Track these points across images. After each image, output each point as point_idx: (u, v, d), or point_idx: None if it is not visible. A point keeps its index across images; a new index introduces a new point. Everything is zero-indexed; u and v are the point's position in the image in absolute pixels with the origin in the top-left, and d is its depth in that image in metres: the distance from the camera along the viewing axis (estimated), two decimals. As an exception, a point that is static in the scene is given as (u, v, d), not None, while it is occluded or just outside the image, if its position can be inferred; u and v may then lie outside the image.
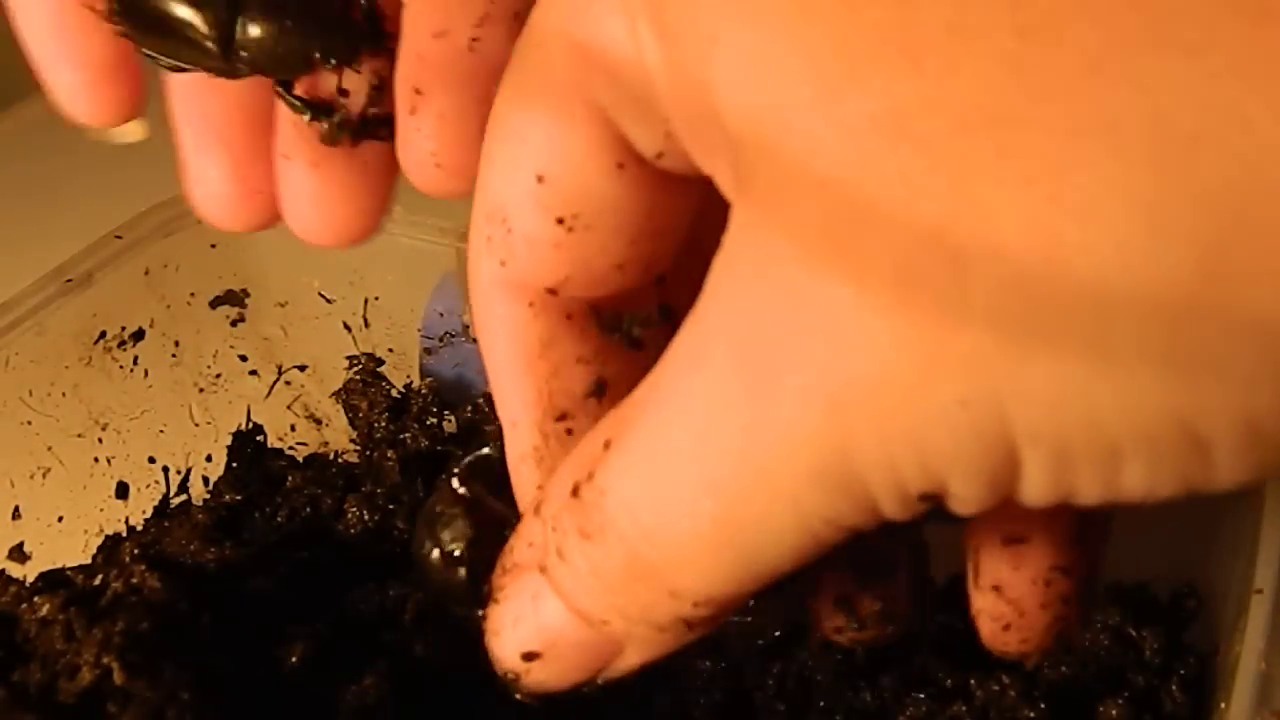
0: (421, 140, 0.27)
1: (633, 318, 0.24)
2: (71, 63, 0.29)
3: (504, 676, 0.24)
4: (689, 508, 0.20)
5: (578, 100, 0.21)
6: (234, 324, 0.47)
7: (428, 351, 0.46)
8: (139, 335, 0.44)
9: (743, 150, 0.18)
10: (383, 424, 0.45)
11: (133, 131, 0.31)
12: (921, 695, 0.36)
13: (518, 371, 0.24)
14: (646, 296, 0.24)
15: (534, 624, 0.23)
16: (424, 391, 0.46)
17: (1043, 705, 0.34)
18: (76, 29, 0.28)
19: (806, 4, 0.17)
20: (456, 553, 0.27)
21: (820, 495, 0.19)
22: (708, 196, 0.21)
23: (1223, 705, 0.32)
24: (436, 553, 0.27)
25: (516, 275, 0.23)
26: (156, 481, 0.45)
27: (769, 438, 0.18)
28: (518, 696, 0.24)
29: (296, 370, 0.48)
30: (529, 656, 0.23)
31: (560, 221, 0.22)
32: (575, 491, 0.21)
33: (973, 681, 0.35)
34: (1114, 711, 0.34)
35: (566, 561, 0.22)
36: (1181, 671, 0.35)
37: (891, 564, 0.27)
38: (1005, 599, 0.26)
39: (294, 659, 0.32)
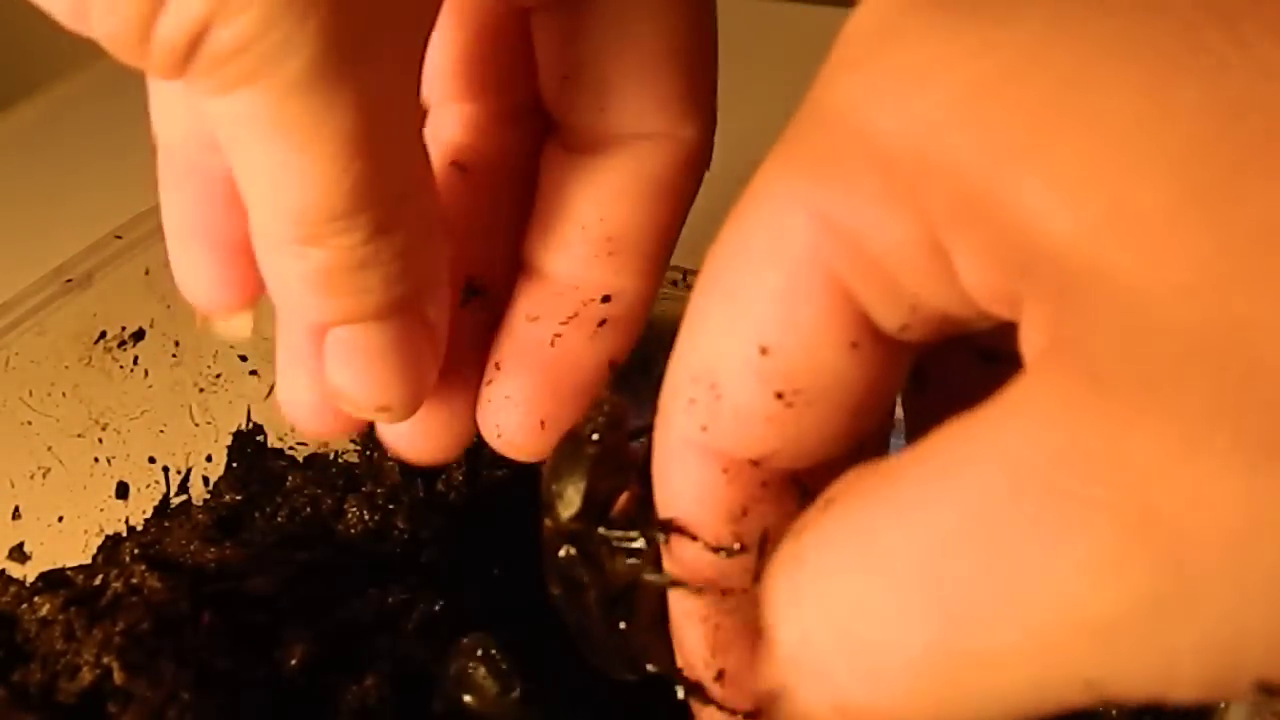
0: (491, 411, 0.30)
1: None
2: (204, 241, 0.29)
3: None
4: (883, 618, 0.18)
5: (817, 270, 0.19)
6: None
7: (428, 351, 0.46)
8: (139, 335, 0.44)
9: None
10: (383, 424, 0.45)
11: (240, 328, 0.31)
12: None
13: (703, 533, 0.23)
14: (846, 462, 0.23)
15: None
16: (424, 391, 0.46)
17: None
18: (217, 210, 0.29)
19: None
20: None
21: (1105, 658, 0.16)
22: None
23: (1222, 705, 0.32)
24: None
25: (718, 443, 0.22)
26: (156, 481, 0.45)
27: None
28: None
29: (296, 370, 0.48)
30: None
31: (779, 396, 0.20)
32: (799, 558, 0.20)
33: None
34: (1114, 712, 0.34)
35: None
36: (1181, 671, 0.35)
37: None
38: None
39: (294, 659, 0.32)
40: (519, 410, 0.29)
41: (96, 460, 0.44)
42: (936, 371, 0.25)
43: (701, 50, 0.29)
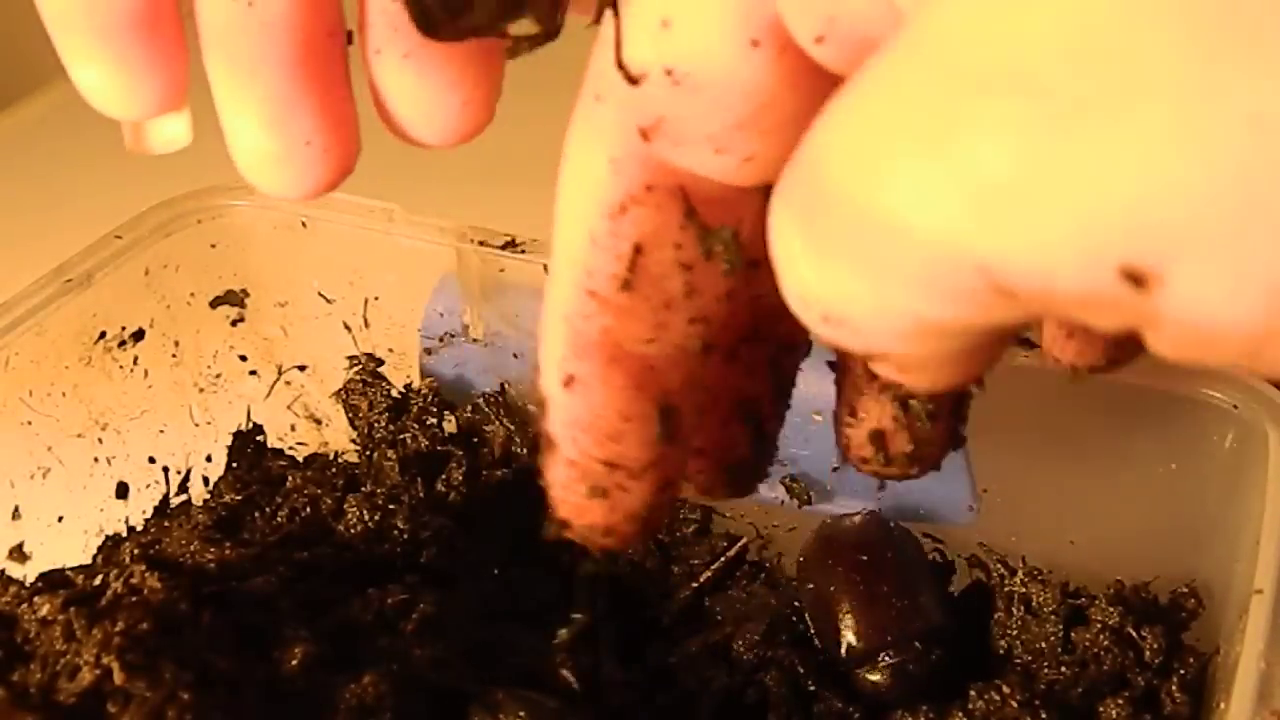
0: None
1: (718, 234, 0.23)
2: (102, 34, 0.25)
3: None
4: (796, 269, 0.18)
5: None
6: (234, 324, 0.47)
7: (428, 351, 0.46)
8: (139, 335, 0.44)
9: None
10: (383, 424, 0.45)
11: (177, 134, 0.27)
12: (923, 704, 0.36)
13: (580, 218, 0.22)
14: (741, 211, 0.23)
15: None
16: (424, 391, 0.46)
17: (1043, 714, 0.34)
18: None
19: None
20: None
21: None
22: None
23: (1222, 705, 0.32)
24: None
25: (611, 116, 0.21)
26: (156, 481, 0.45)
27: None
28: None
29: (296, 370, 0.48)
30: None
31: (669, 74, 0.20)
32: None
33: (972, 692, 0.35)
34: (1114, 712, 0.34)
35: None
36: (1181, 671, 0.35)
37: (935, 410, 0.26)
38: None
39: (293, 659, 0.32)
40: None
41: (96, 460, 0.44)
42: None
43: None
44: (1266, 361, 0.16)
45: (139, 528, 0.44)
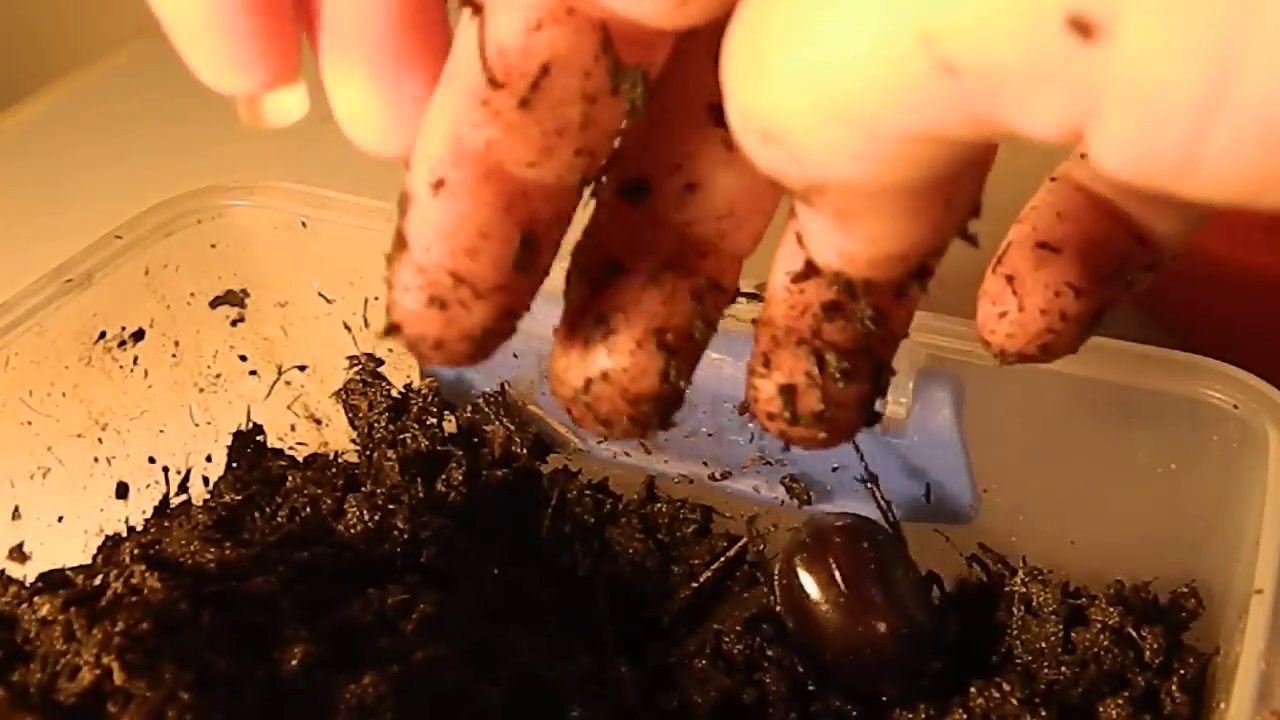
0: None
1: (630, 72, 0.22)
2: (215, 9, 0.24)
3: None
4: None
5: None
6: (234, 324, 0.47)
7: (428, 351, 0.46)
8: (139, 335, 0.44)
9: None
10: (383, 424, 0.45)
11: (294, 105, 0.27)
12: (921, 703, 0.36)
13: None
14: (655, 55, 0.22)
15: None
16: (424, 392, 0.46)
17: (1043, 713, 0.34)
18: None
19: None
20: None
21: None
22: None
23: (1222, 705, 0.32)
24: None
25: None
26: (156, 481, 0.45)
27: None
28: None
29: (296, 370, 0.48)
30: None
31: None
32: None
33: (973, 690, 0.35)
34: (1114, 712, 0.34)
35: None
36: (1181, 671, 0.35)
37: (851, 369, 0.26)
38: (1013, 289, 0.27)
39: (293, 659, 0.32)
40: None
41: (96, 460, 0.44)
42: None
43: None
44: (1201, 179, 0.15)
45: (139, 528, 0.44)
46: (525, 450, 0.45)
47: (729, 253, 0.26)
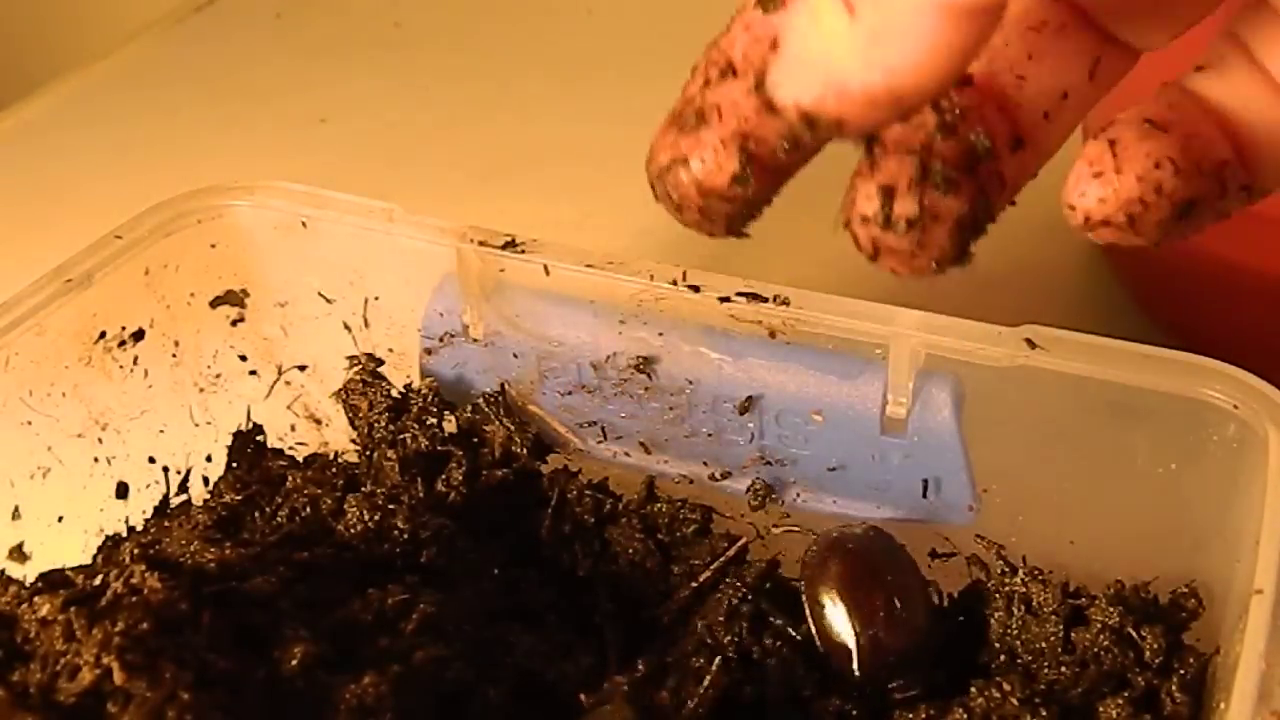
0: None
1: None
2: None
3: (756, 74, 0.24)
4: None
5: None
6: (234, 324, 0.47)
7: (428, 351, 0.46)
8: (139, 335, 0.44)
9: None
10: (383, 424, 0.45)
11: None
12: (921, 703, 0.36)
13: None
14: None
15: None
16: (424, 391, 0.46)
17: (1043, 713, 0.34)
18: None
19: None
20: None
21: None
22: None
23: (1222, 705, 0.32)
24: None
25: None
26: (156, 481, 0.45)
27: None
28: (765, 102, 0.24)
29: (296, 370, 0.48)
30: (773, 44, 0.24)
31: None
32: None
33: (973, 689, 0.35)
34: (1114, 712, 0.34)
35: None
36: (1181, 671, 0.35)
37: (954, 181, 0.26)
38: (1112, 152, 0.27)
39: (294, 659, 0.32)
40: None
41: (96, 460, 0.44)
42: None
43: None
44: None
45: (139, 528, 0.44)
46: (525, 450, 0.45)
47: None
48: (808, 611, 0.38)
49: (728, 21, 0.27)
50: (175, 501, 0.45)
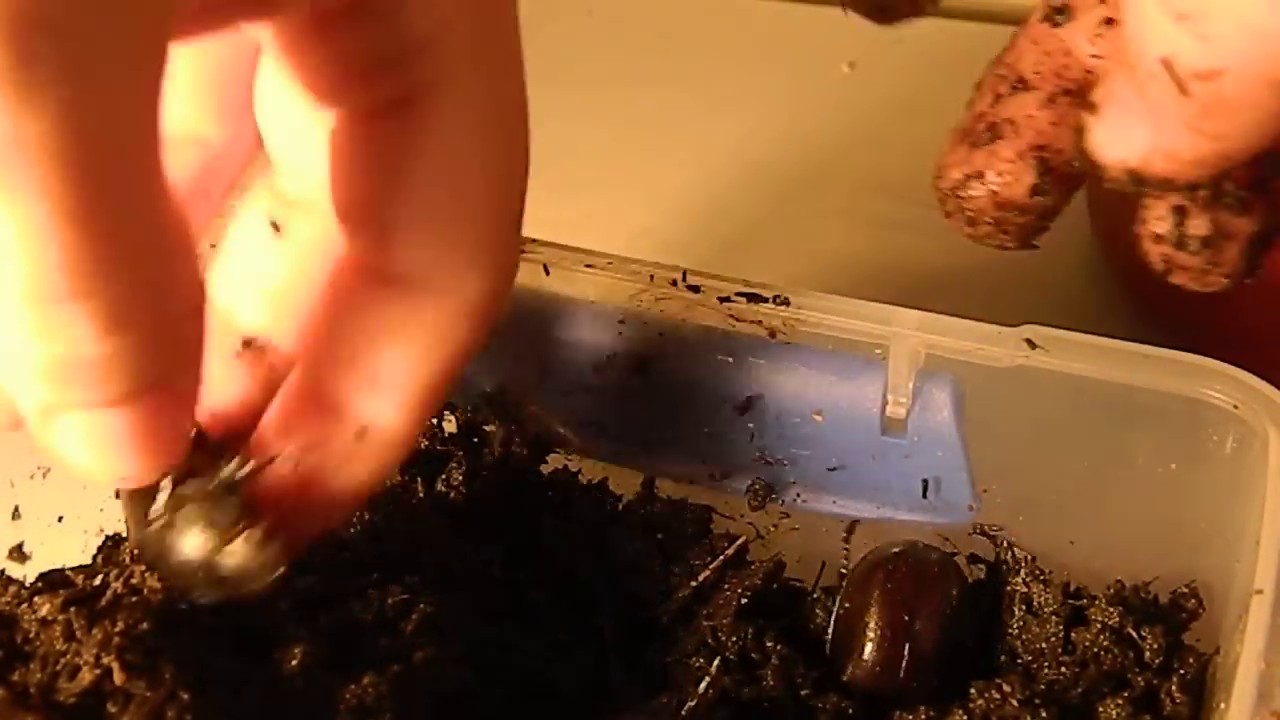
0: None
1: None
2: None
3: (1075, 136, 0.25)
4: None
5: None
6: (234, 324, 0.47)
7: (428, 351, 0.46)
8: (139, 335, 0.44)
9: None
10: (383, 424, 0.45)
11: None
12: (921, 703, 0.36)
13: None
14: None
15: (1107, 77, 0.24)
16: (424, 391, 0.46)
17: (1043, 714, 0.34)
18: None
19: None
20: None
21: None
22: None
23: (1222, 705, 0.32)
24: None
25: None
26: (156, 481, 0.45)
27: None
28: (1085, 156, 0.25)
29: (296, 370, 0.48)
30: (1092, 108, 0.24)
31: None
32: None
33: (973, 690, 0.35)
34: (1114, 712, 0.34)
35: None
36: (1181, 671, 0.35)
37: (1247, 201, 0.26)
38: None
39: (294, 659, 0.32)
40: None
41: (96, 460, 0.44)
42: None
43: (504, 196, 0.26)
44: None
45: (139, 528, 0.44)
46: (525, 450, 0.45)
47: None
48: (835, 617, 0.38)
49: (1011, 38, 0.28)
50: (175, 501, 0.45)
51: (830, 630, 0.38)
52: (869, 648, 0.37)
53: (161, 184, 0.21)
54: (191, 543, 0.29)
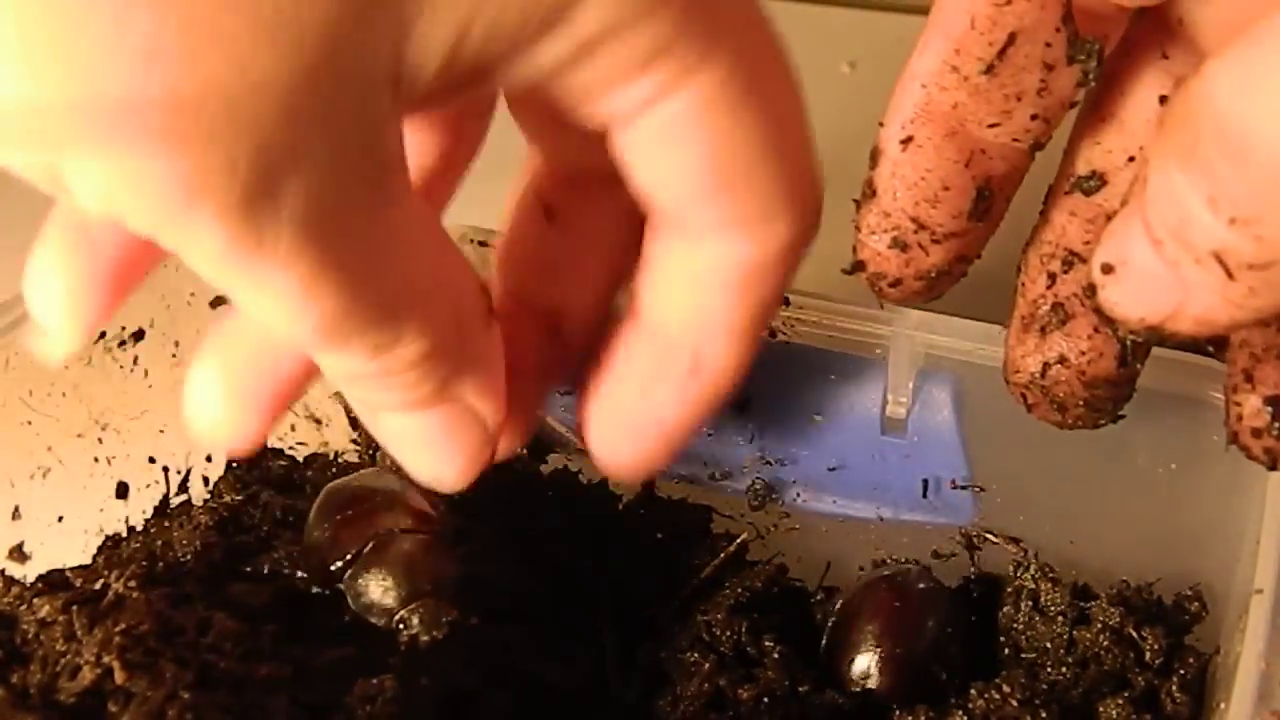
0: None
1: (1087, 44, 0.25)
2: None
3: (1085, 290, 0.25)
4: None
5: None
6: (234, 324, 0.47)
7: (428, 351, 0.46)
8: (139, 335, 0.44)
9: None
10: (383, 424, 0.45)
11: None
12: (920, 704, 0.36)
13: (965, 2, 0.25)
14: (1110, 30, 0.25)
15: (1118, 242, 0.24)
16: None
17: (1043, 714, 0.34)
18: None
19: None
20: None
21: None
22: None
23: (1222, 705, 0.32)
24: None
25: None
26: (156, 481, 0.45)
27: None
28: (1096, 310, 0.25)
29: (296, 370, 0.48)
30: (1106, 269, 0.24)
31: None
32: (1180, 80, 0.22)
33: (973, 691, 0.35)
34: (1114, 712, 0.34)
35: (1163, 179, 0.22)
36: (1181, 671, 0.35)
37: None
38: None
39: (294, 660, 0.32)
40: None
41: (96, 460, 0.44)
42: None
43: (784, 152, 0.27)
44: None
45: (139, 528, 0.44)
46: (525, 450, 0.45)
47: None
48: (830, 634, 0.38)
49: (1040, 216, 0.28)
50: (175, 501, 0.45)
51: (824, 643, 0.38)
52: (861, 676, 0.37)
53: (420, 224, 0.25)
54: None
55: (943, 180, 0.27)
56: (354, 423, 0.47)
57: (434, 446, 0.28)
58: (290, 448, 0.48)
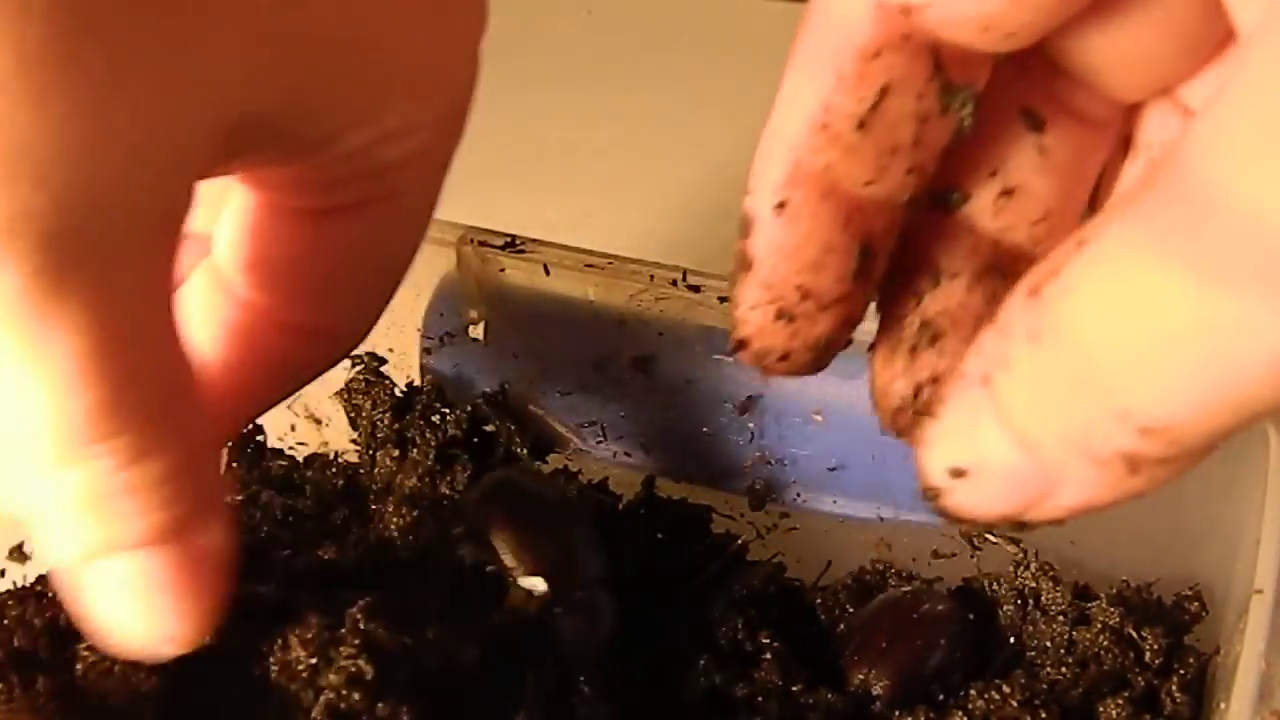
0: None
1: (960, 93, 0.24)
2: None
3: (925, 491, 0.23)
4: (1167, 308, 0.18)
5: None
6: (234, 324, 0.47)
7: (428, 351, 0.46)
8: (139, 335, 0.44)
9: None
10: (385, 423, 0.45)
11: None
12: (920, 705, 0.36)
13: (828, 58, 0.23)
14: (981, 74, 0.24)
15: (967, 439, 0.22)
16: (426, 390, 0.46)
17: (1043, 714, 0.34)
18: None
19: None
20: None
21: None
22: None
23: (1222, 705, 0.32)
24: None
25: None
26: (157, 481, 0.45)
27: None
28: (937, 513, 0.23)
29: (296, 370, 0.48)
30: (956, 474, 0.22)
31: None
32: (1035, 290, 0.20)
33: (972, 691, 0.35)
34: (1114, 712, 0.34)
35: (1010, 370, 0.20)
36: (1181, 671, 0.35)
37: None
38: None
39: (294, 660, 0.32)
40: None
41: (97, 460, 0.44)
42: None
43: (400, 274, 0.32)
44: None
45: (139, 527, 0.43)
46: (525, 450, 0.45)
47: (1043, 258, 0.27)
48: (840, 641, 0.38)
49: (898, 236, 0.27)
50: (175, 501, 0.45)
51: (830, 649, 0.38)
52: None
53: (172, 337, 0.24)
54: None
55: (824, 244, 0.25)
56: (354, 423, 0.47)
57: (174, 590, 0.25)
58: (290, 448, 0.48)
